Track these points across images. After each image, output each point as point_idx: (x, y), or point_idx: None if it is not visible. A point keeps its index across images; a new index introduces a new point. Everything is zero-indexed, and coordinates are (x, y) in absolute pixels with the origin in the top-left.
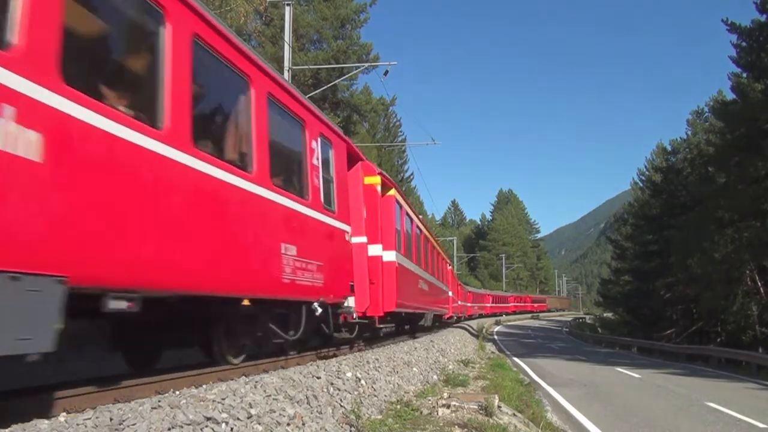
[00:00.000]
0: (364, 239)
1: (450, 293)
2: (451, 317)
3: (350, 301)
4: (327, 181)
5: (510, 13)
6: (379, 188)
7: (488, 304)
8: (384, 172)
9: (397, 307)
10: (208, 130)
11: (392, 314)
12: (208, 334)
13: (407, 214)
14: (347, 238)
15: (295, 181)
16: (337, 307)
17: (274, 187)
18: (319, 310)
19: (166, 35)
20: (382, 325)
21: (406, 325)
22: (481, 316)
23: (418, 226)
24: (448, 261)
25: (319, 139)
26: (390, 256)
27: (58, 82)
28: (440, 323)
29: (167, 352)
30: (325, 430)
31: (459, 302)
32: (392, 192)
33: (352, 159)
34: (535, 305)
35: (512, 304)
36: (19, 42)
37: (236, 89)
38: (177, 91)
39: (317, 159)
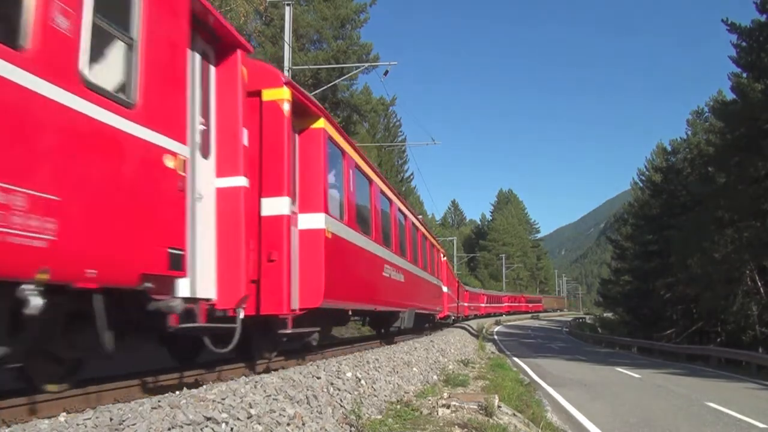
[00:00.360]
0: (242, 182)
1: (445, 288)
2: (446, 317)
3: (180, 287)
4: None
5: (510, 13)
6: (286, 109)
7: (483, 304)
8: (305, 92)
9: (325, 301)
10: None
11: (319, 312)
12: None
13: (358, 168)
14: (167, 163)
15: None
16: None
17: None
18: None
19: None
20: (290, 330)
21: (380, 327)
22: (476, 316)
23: (384, 193)
24: (443, 251)
25: None
26: (313, 220)
27: None
28: (434, 324)
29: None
30: (325, 430)
31: (458, 301)
32: (320, 123)
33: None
34: (530, 305)
35: (506, 304)
36: None
37: None
38: None
39: None
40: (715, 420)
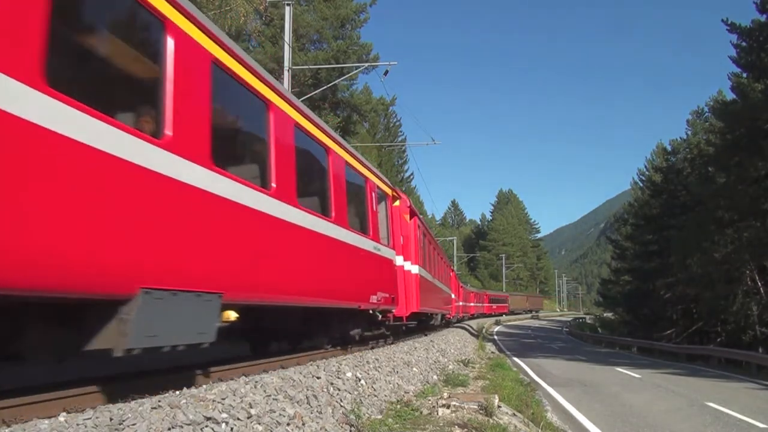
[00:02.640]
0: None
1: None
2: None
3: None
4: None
5: (510, 13)
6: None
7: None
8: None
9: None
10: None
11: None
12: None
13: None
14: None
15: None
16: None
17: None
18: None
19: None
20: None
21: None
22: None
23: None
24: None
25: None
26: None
27: None
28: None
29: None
30: (325, 430)
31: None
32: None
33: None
34: (494, 306)
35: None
36: None
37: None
38: None
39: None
40: (715, 420)
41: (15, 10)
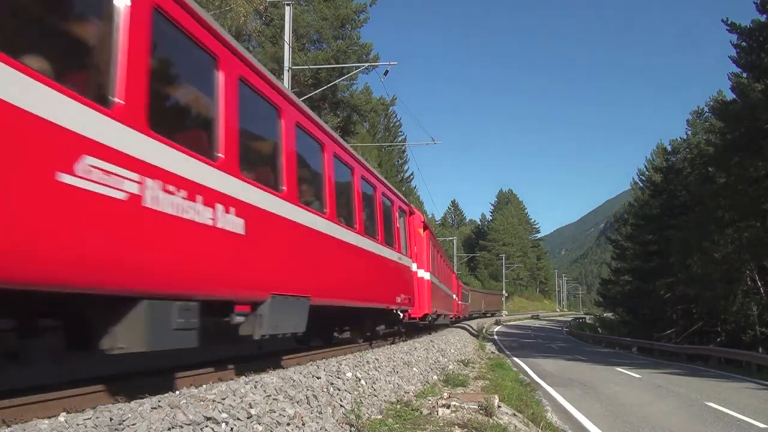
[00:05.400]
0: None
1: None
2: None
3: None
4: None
5: (510, 13)
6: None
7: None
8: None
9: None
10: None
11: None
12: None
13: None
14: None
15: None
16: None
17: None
18: (400, 314)
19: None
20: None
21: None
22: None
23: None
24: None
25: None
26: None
27: None
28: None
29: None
30: (325, 430)
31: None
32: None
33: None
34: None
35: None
36: None
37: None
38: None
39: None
40: (715, 420)
41: None
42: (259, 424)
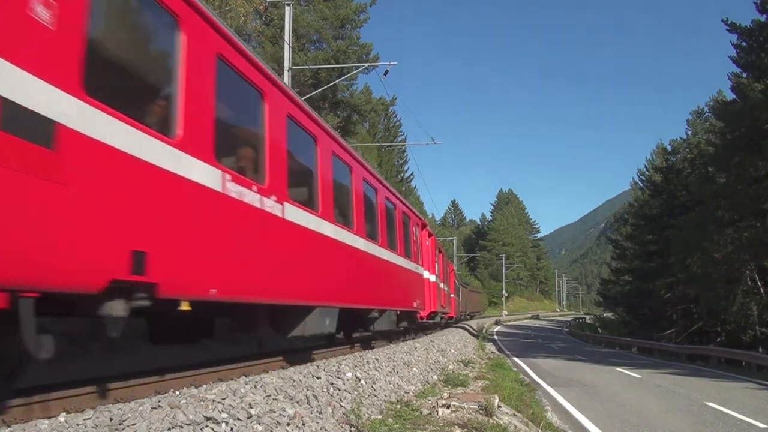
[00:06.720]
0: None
1: (452, 295)
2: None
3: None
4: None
5: (510, 13)
6: (427, 239)
7: None
8: (429, 228)
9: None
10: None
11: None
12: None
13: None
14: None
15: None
16: (416, 312)
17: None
18: (418, 312)
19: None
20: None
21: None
22: None
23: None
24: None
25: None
26: (432, 277)
27: None
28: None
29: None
30: (325, 430)
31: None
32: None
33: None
34: None
35: None
36: None
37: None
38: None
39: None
40: (715, 420)
41: None
42: (259, 424)
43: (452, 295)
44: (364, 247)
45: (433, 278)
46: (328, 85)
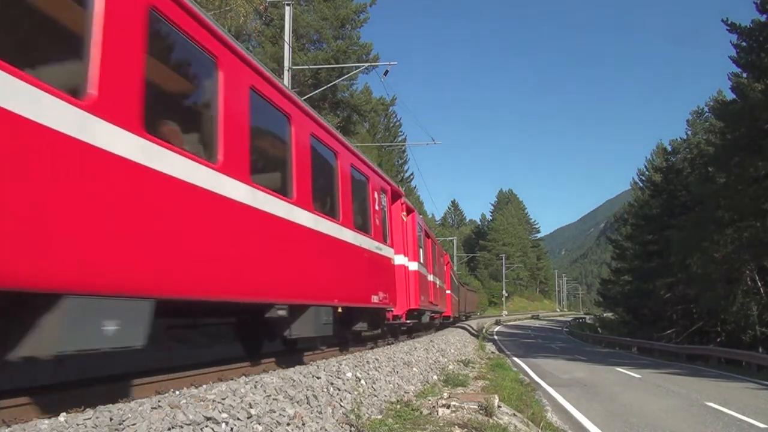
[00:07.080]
0: (401, 256)
1: (448, 291)
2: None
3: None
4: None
5: (510, 12)
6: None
7: None
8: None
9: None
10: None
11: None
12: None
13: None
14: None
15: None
16: (382, 310)
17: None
18: (385, 310)
19: None
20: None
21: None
22: None
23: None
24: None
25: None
26: (413, 265)
27: None
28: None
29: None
30: (325, 430)
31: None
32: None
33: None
34: None
35: None
36: None
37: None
38: None
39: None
40: (715, 420)
41: None
42: (259, 424)
43: (448, 292)
44: (247, 199)
45: (413, 266)
46: (328, 85)
